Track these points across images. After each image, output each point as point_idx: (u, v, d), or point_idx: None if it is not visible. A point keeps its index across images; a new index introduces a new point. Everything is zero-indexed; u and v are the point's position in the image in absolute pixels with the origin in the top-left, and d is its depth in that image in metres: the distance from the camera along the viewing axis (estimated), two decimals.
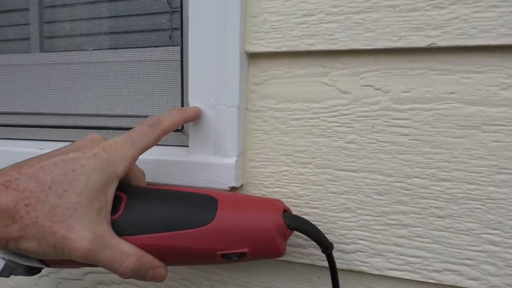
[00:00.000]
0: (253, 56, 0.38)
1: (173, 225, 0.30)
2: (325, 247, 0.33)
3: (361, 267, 0.37)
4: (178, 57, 0.46)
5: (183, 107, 0.46)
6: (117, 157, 0.29)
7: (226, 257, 0.31)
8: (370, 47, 0.33)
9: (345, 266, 0.37)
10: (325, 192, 0.37)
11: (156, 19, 0.50)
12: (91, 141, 0.30)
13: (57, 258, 0.27)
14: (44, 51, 0.58)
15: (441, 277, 0.34)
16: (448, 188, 0.33)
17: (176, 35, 0.48)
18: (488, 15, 0.30)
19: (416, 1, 0.32)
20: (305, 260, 0.38)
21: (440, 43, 0.31)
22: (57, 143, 0.51)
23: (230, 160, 0.38)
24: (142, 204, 0.31)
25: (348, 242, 0.37)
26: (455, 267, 0.34)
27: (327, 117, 0.36)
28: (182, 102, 0.46)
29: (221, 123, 0.38)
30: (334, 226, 0.37)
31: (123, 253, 0.28)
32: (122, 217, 0.30)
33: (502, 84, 0.31)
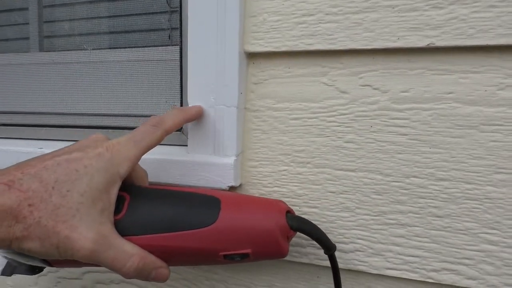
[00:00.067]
0: (252, 56, 0.38)
1: (176, 225, 0.30)
2: (328, 248, 0.33)
3: (359, 267, 0.37)
4: (178, 56, 0.46)
5: (183, 106, 0.47)
6: (120, 157, 0.29)
7: (229, 257, 0.31)
8: (369, 47, 0.33)
9: (343, 266, 0.37)
10: (324, 192, 0.37)
11: (155, 19, 0.50)
12: (95, 141, 0.30)
13: (60, 258, 0.27)
14: (43, 50, 0.58)
15: (439, 277, 0.34)
16: (446, 188, 0.33)
17: (176, 35, 0.48)
18: (486, 15, 0.30)
19: (415, 1, 0.32)
20: (303, 260, 0.38)
21: (439, 43, 0.32)
22: (57, 142, 0.51)
23: (229, 159, 0.38)
24: (145, 204, 0.31)
25: (346, 242, 0.37)
26: (453, 266, 0.34)
27: (326, 116, 0.36)
28: (181, 101, 0.46)
29: (220, 123, 0.38)
30: (332, 226, 0.37)
31: (126, 253, 0.28)
32: (125, 217, 0.30)
33: (500, 84, 0.31)
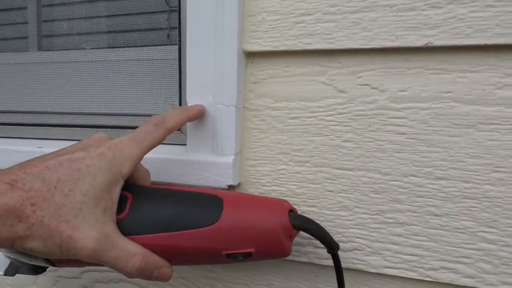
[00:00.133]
0: (251, 55, 0.38)
1: (179, 224, 0.30)
2: (331, 247, 0.33)
3: (358, 265, 0.37)
4: (176, 56, 0.46)
5: (183, 105, 0.47)
6: (122, 156, 0.29)
7: (232, 257, 0.30)
8: (367, 47, 0.33)
9: (342, 265, 0.37)
10: (323, 191, 0.37)
11: (154, 18, 0.50)
12: (97, 141, 0.30)
13: (63, 257, 0.27)
14: (42, 49, 0.58)
15: (437, 275, 0.35)
16: (444, 187, 0.33)
17: (174, 34, 0.48)
18: (484, 15, 0.30)
19: (413, 1, 0.32)
20: (303, 259, 0.38)
21: (437, 42, 0.32)
22: (56, 142, 0.51)
23: (228, 158, 0.38)
24: (147, 204, 0.31)
25: (345, 241, 0.37)
26: (451, 265, 0.34)
27: (324, 116, 0.36)
28: (180, 100, 0.46)
29: (218, 122, 0.38)
30: (331, 225, 0.37)
31: (129, 252, 0.28)
32: (128, 217, 0.30)
33: (498, 83, 0.31)
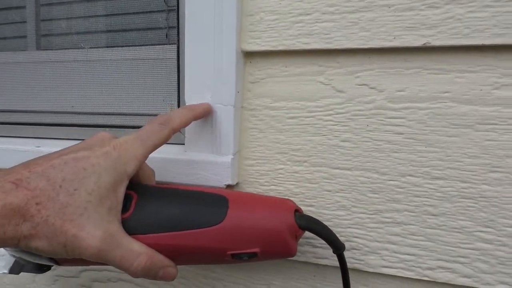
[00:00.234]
0: (249, 55, 0.38)
1: (184, 224, 0.30)
2: (337, 247, 0.32)
3: (355, 265, 0.37)
4: (175, 55, 0.46)
5: (180, 105, 0.47)
6: (127, 156, 0.29)
7: (237, 257, 0.30)
8: (365, 47, 0.33)
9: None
10: (320, 190, 0.37)
11: (152, 18, 0.50)
12: (101, 140, 0.30)
13: (68, 257, 0.27)
14: (40, 49, 0.58)
15: (435, 275, 0.35)
16: (441, 187, 0.34)
17: (173, 34, 0.48)
18: (481, 15, 0.30)
19: (411, 1, 0.32)
20: (301, 258, 0.38)
21: (435, 42, 0.32)
22: (54, 141, 0.51)
23: (226, 158, 0.38)
24: (152, 203, 0.31)
25: (343, 240, 0.37)
26: (448, 264, 0.34)
27: (323, 115, 0.36)
28: (179, 100, 0.46)
29: (217, 122, 0.38)
30: (329, 224, 0.37)
31: (134, 252, 0.28)
32: (133, 216, 0.30)
33: (495, 83, 0.31)
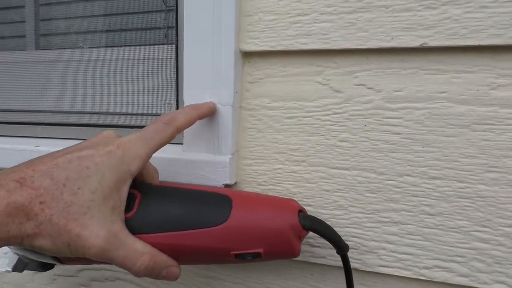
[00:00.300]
0: (247, 55, 0.38)
1: (187, 224, 0.30)
2: (341, 248, 0.32)
3: (353, 264, 0.37)
4: (173, 55, 0.46)
5: (178, 104, 0.47)
6: (131, 155, 0.29)
7: (240, 257, 0.30)
8: (363, 47, 0.34)
9: (338, 264, 0.37)
10: (318, 190, 0.37)
11: (151, 18, 0.50)
12: (105, 139, 0.30)
13: (71, 256, 0.27)
14: (39, 48, 0.58)
15: (432, 274, 0.35)
16: (438, 186, 0.34)
17: (172, 34, 0.49)
18: (478, 16, 0.30)
19: (408, 2, 0.32)
20: (298, 257, 0.38)
21: (432, 43, 0.32)
22: (53, 140, 0.51)
23: (225, 158, 0.38)
24: (156, 203, 0.30)
25: None
26: (445, 264, 0.34)
27: (321, 115, 0.36)
28: (177, 100, 0.47)
29: (215, 121, 0.38)
30: None
31: (137, 251, 0.28)
32: (136, 216, 0.30)
33: (492, 84, 0.32)
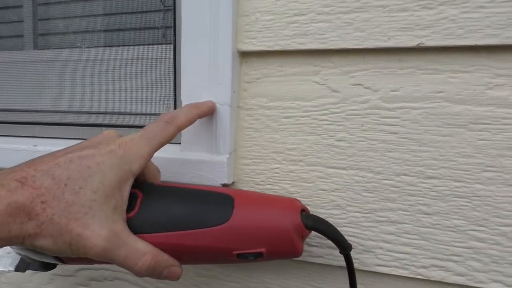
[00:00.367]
0: (245, 55, 0.38)
1: (189, 223, 0.30)
2: (344, 248, 0.32)
3: None
4: (171, 55, 0.46)
5: (176, 104, 0.47)
6: (132, 154, 0.29)
7: (242, 256, 0.30)
8: (360, 47, 0.34)
9: (336, 263, 0.38)
10: (316, 189, 0.38)
11: (149, 17, 0.51)
12: (107, 138, 0.30)
13: (73, 255, 0.27)
14: (37, 48, 0.58)
15: (428, 273, 0.35)
16: (435, 186, 0.34)
17: (169, 33, 0.49)
18: (475, 16, 0.31)
19: (405, 2, 0.32)
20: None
21: (429, 43, 0.32)
22: (51, 140, 0.52)
23: (222, 157, 0.38)
24: (158, 202, 0.30)
25: None
26: (442, 263, 0.34)
27: (318, 115, 0.37)
28: (175, 99, 0.47)
29: (213, 121, 0.38)
30: None
31: (139, 251, 0.28)
32: (138, 215, 0.29)
33: (489, 83, 0.32)
